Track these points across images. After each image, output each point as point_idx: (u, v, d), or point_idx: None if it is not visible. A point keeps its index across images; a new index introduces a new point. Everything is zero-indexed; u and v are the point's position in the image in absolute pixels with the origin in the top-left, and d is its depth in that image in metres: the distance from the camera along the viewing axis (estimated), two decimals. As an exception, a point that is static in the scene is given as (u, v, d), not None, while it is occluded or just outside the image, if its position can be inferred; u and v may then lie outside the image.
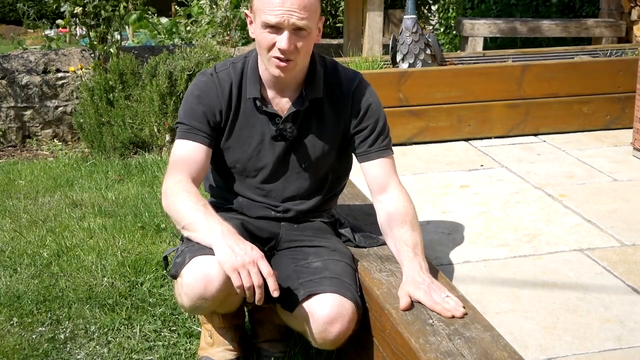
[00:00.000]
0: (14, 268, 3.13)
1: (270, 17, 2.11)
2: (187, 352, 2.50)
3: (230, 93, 2.26)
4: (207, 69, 2.35)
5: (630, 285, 2.68)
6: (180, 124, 2.28)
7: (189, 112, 2.26)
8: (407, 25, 4.62)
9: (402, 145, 4.41)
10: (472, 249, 3.00)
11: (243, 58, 2.33)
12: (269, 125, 2.28)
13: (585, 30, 6.10)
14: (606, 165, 3.98)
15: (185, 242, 2.20)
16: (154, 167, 4.51)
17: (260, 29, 2.15)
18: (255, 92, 2.26)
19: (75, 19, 5.18)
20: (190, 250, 2.12)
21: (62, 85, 5.34)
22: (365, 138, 2.35)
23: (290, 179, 2.36)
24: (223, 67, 2.31)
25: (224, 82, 2.27)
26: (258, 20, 2.15)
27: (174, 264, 2.17)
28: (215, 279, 2.06)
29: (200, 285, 2.07)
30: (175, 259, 2.18)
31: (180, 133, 2.26)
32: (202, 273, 2.06)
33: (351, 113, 2.34)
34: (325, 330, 2.11)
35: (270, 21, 2.11)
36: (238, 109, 2.28)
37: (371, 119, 2.35)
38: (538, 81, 4.54)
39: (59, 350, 2.54)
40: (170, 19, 8.16)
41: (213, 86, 2.27)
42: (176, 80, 4.82)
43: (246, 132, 2.29)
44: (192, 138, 2.24)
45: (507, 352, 1.86)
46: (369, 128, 2.34)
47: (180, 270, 2.12)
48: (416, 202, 3.55)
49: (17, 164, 4.81)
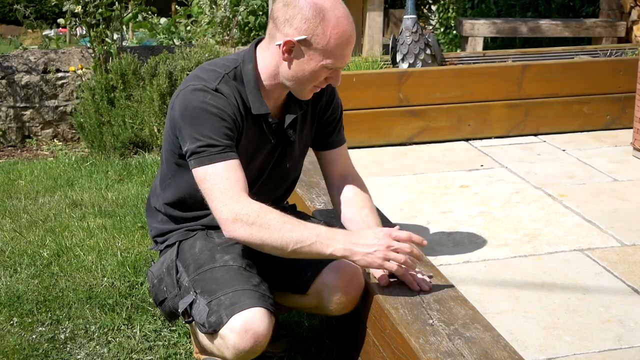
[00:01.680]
0: (14, 268, 3.13)
1: (338, 63, 2.12)
2: (187, 352, 2.50)
3: (238, 107, 2.18)
4: (196, 82, 2.16)
5: (630, 285, 2.68)
6: (209, 146, 2.09)
7: (215, 132, 2.10)
8: (407, 25, 4.63)
9: (402, 145, 4.41)
10: (472, 249, 3.00)
11: (232, 68, 2.20)
12: (270, 133, 2.26)
13: (585, 30, 6.10)
14: (606, 165, 3.98)
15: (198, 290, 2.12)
16: (154, 167, 4.51)
17: (318, 66, 2.11)
18: (263, 109, 2.19)
19: (76, 19, 5.18)
20: (219, 305, 2.05)
21: (62, 85, 5.34)
22: (333, 127, 2.40)
23: (277, 179, 2.37)
24: (217, 80, 2.16)
25: (230, 97, 2.16)
26: (318, 59, 2.09)
27: (209, 324, 2.06)
28: (262, 334, 2.03)
29: (250, 343, 2.02)
30: (207, 317, 2.06)
31: (214, 156, 2.08)
32: (249, 332, 2.01)
33: (323, 105, 2.37)
34: (345, 294, 2.17)
35: (339, 66, 2.13)
36: (245, 122, 2.21)
37: (337, 109, 2.41)
38: (538, 81, 4.55)
39: (59, 350, 2.54)
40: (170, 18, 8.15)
41: (225, 102, 2.14)
42: (176, 80, 4.83)
43: (250, 142, 2.24)
44: (230, 157, 2.10)
45: (507, 352, 1.86)
46: (335, 117, 2.40)
47: (219, 329, 2.04)
48: (416, 202, 3.58)
49: (17, 164, 4.81)
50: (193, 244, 2.25)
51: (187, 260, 2.22)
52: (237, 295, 2.05)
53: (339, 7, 2.11)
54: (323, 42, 2.08)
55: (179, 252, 2.26)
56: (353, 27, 2.13)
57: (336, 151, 2.42)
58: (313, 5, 2.07)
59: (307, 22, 2.07)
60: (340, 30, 2.09)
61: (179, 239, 2.29)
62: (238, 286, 2.08)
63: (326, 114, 2.38)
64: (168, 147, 2.26)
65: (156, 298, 2.30)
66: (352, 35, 2.12)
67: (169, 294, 2.24)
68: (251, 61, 2.20)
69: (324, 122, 2.39)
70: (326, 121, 2.39)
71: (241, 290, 2.07)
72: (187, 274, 2.19)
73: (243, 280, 2.11)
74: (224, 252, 2.19)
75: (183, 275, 2.20)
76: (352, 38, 2.12)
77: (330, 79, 2.16)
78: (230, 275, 2.12)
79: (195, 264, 2.19)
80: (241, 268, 2.15)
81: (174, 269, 2.23)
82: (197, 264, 2.19)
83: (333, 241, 2.04)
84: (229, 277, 2.11)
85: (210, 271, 2.15)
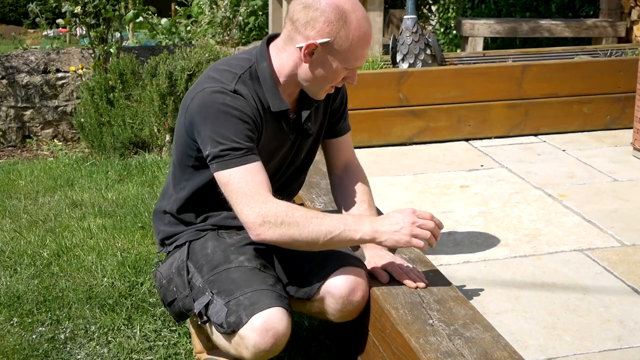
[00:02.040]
0: (14, 268, 3.13)
1: (358, 64, 2.14)
2: (187, 352, 2.50)
3: (257, 107, 2.16)
4: (214, 84, 2.14)
5: (630, 285, 2.68)
6: (232, 150, 2.08)
7: (237, 135, 2.09)
8: (407, 25, 4.63)
9: (402, 145, 4.41)
10: (472, 249, 3.00)
11: (247, 67, 2.19)
12: (287, 129, 2.26)
13: (585, 30, 6.10)
14: (606, 165, 3.98)
15: (214, 291, 2.12)
16: (154, 167, 4.51)
17: (337, 67, 2.12)
18: (283, 105, 2.19)
19: (76, 19, 5.18)
20: (238, 305, 2.06)
21: (62, 85, 5.34)
22: (339, 112, 2.42)
23: (294, 174, 2.38)
24: (234, 80, 2.14)
25: (249, 98, 2.15)
26: (338, 59, 2.11)
27: (227, 324, 2.06)
28: (282, 332, 2.03)
29: (270, 343, 2.03)
30: (226, 317, 2.06)
31: (238, 159, 2.08)
32: (270, 332, 2.02)
33: (332, 94, 2.36)
34: (349, 303, 2.17)
35: (358, 66, 2.16)
36: (265, 121, 2.20)
37: (344, 95, 2.43)
38: (538, 81, 4.54)
39: (59, 350, 2.54)
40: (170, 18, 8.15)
41: (245, 104, 2.12)
42: (176, 80, 4.82)
43: (272, 142, 2.24)
44: (253, 160, 2.09)
45: (507, 352, 1.86)
46: (343, 106, 2.43)
47: (238, 329, 2.04)
48: (416, 202, 3.57)
49: (17, 164, 4.81)
50: (204, 244, 2.24)
51: (199, 261, 2.22)
52: (255, 295, 2.06)
53: (359, 9, 2.11)
54: (346, 44, 2.09)
55: (189, 253, 2.26)
56: (371, 28, 2.15)
57: (342, 139, 2.45)
58: (335, 7, 2.07)
59: (329, 24, 2.07)
60: (362, 32, 2.10)
61: (189, 239, 2.29)
62: (256, 286, 2.09)
63: (335, 102, 2.39)
64: (182, 150, 2.23)
65: (165, 298, 2.30)
66: (371, 36, 2.16)
67: (179, 294, 2.23)
68: (265, 59, 2.19)
69: (333, 110, 2.40)
70: (335, 109, 2.40)
71: (259, 290, 2.08)
72: (201, 274, 2.19)
73: (260, 281, 2.11)
74: (238, 253, 2.19)
75: (195, 275, 2.20)
76: (371, 39, 2.16)
77: (348, 78, 2.18)
78: (247, 275, 2.13)
79: (208, 265, 2.19)
80: (256, 269, 2.15)
81: (185, 269, 2.23)
82: (211, 265, 2.18)
83: (361, 225, 2.08)
84: (246, 278, 2.12)
85: (226, 272, 2.15)
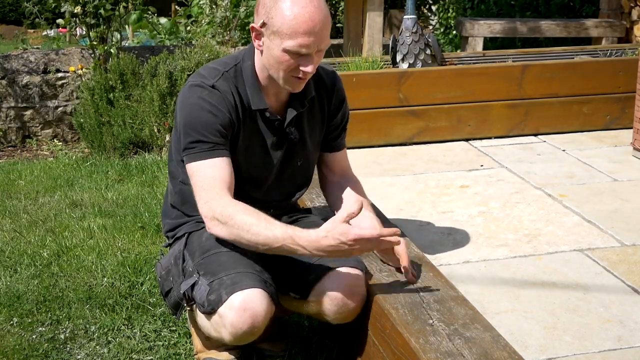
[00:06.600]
0: (14, 268, 3.13)
1: (297, 48, 2.06)
2: (187, 352, 2.50)
3: (235, 104, 2.19)
4: (196, 79, 2.21)
5: (630, 285, 2.68)
6: (199, 142, 2.13)
7: (206, 129, 2.13)
8: (407, 25, 4.63)
9: (402, 145, 4.41)
10: (472, 249, 3.00)
11: (233, 65, 2.23)
12: (270, 130, 2.27)
13: (585, 30, 6.10)
14: (606, 165, 3.98)
15: (201, 272, 2.14)
16: (154, 167, 4.51)
17: (280, 52, 2.09)
18: (262, 104, 2.21)
19: (76, 19, 5.18)
20: (220, 284, 2.07)
21: (62, 85, 5.34)
22: (338, 129, 2.44)
23: (286, 178, 2.38)
24: (216, 77, 2.19)
25: (227, 94, 2.18)
26: (277, 43, 2.08)
27: (208, 302, 2.08)
28: (261, 314, 2.05)
29: (248, 322, 2.04)
30: (207, 295, 2.08)
31: (203, 153, 2.12)
32: (248, 311, 2.03)
33: (333, 106, 2.39)
34: (345, 305, 2.17)
35: (299, 51, 2.07)
36: (243, 119, 2.22)
37: (345, 111, 2.44)
38: (538, 81, 4.55)
39: (59, 350, 2.54)
40: (170, 18, 8.15)
41: (220, 99, 2.16)
42: (176, 80, 4.83)
43: (251, 140, 2.25)
44: (217, 155, 2.13)
45: (507, 352, 1.86)
46: (342, 119, 2.44)
47: (217, 307, 2.06)
48: (416, 202, 3.57)
49: (17, 164, 4.81)
50: (201, 234, 2.27)
51: (193, 248, 2.25)
52: (239, 276, 2.08)
53: None
54: (278, 23, 2.06)
55: (187, 243, 2.29)
56: (315, 11, 2.06)
57: (336, 154, 2.47)
58: None
59: (264, 6, 2.10)
60: (296, 11, 2.04)
61: (189, 230, 2.32)
62: (241, 269, 2.11)
63: (335, 118, 2.41)
64: (177, 147, 2.27)
65: (163, 289, 2.33)
66: (311, 19, 2.05)
67: (174, 283, 2.26)
68: (250, 58, 2.23)
69: (332, 125, 2.42)
70: (334, 125, 2.42)
71: (243, 272, 2.10)
72: (193, 260, 2.21)
73: (247, 264, 2.13)
74: None
75: (189, 262, 2.23)
76: (311, 22, 2.05)
77: (301, 65, 2.11)
78: (236, 259, 2.15)
79: (200, 249, 2.22)
80: (247, 255, 2.16)
81: (181, 258, 2.26)
82: (202, 249, 2.21)
83: (298, 247, 2.06)
84: (234, 261, 2.14)
85: (216, 255, 2.17)
